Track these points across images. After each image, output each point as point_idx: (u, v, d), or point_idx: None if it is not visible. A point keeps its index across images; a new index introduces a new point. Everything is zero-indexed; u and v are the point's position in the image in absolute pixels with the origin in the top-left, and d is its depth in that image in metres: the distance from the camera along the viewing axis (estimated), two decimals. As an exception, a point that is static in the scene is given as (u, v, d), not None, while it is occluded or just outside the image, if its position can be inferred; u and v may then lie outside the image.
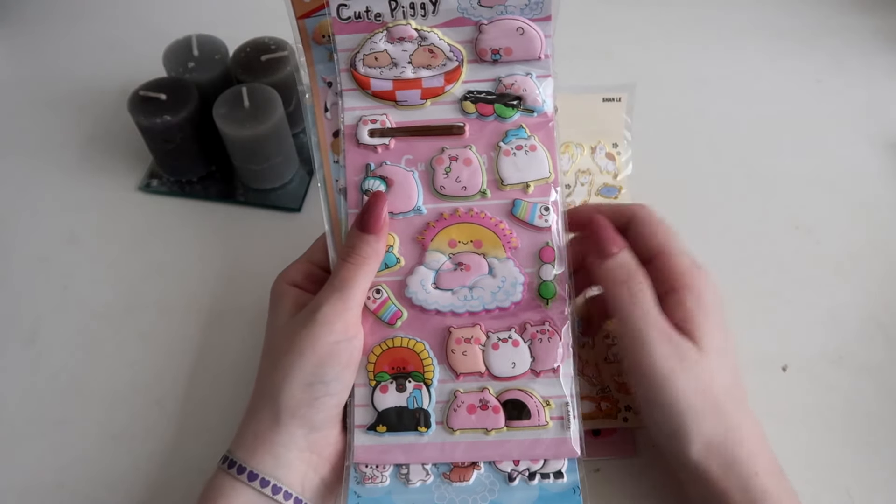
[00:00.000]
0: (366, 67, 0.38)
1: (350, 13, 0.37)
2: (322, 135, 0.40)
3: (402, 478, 0.37)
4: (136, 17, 0.67)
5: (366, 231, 0.37)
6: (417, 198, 0.39)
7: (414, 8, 0.38)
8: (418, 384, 0.38)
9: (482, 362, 0.38)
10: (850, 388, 0.45)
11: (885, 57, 0.64)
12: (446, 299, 0.38)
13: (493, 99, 0.39)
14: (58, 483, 0.41)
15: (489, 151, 0.39)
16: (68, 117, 0.59)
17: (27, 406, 0.44)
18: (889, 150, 0.57)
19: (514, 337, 0.38)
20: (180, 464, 0.42)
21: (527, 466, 0.37)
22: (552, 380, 0.37)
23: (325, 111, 0.40)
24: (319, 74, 0.40)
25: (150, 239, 0.52)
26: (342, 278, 0.36)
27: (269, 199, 0.54)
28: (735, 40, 0.66)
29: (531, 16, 0.38)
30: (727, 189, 0.55)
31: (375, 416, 0.37)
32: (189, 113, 0.50)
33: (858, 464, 0.42)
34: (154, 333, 0.47)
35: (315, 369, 0.34)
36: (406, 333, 0.38)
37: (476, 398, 0.37)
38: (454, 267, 0.38)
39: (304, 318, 0.35)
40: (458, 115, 0.39)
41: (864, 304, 0.49)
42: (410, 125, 0.39)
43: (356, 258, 0.36)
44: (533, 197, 0.39)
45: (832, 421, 0.44)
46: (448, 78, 0.39)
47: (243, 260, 0.51)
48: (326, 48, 0.39)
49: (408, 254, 0.39)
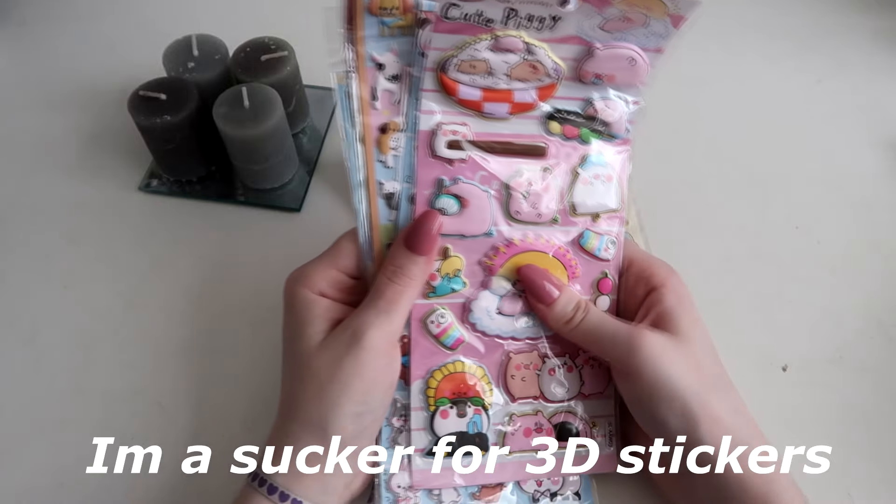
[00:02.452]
0: (457, 73, 0.34)
1: (459, 13, 0.32)
2: (368, 128, 0.34)
3: (434, 499, 0.37)
4: (136, 17, 0.67)
5: (416, 251, 0.34)
6: (490, 221, 0.36)
7: (531, 20, 0.33)
8: (478, 409, 0.38)
9: (538, 387, 0.38)
10: (850, 388, 0.45)
11: (885, 57, 0.64)
12: (508, 325, 0.38)
13: (582, 122, 0.37)
14: (58, 483, 0.41)
15: (566, 176, 0.37)
16: (68, 117, 0.59)
17: (27, 406, 0.44)
18: (889, 150, 0.57)
19: (569, 363, 0.39)
20: (180, 464, 0.42)
21: (547, 487, 0.38)
22: (598, 401, 0.39)
23: (372, 99, 0.34)
24: (368, 52, 0.33)
25: (150, 239, 0.52)
26: (388, 300, 0.34)
27: (269, 199, 0.54)
28: (735, 40, 0.66)
29: (647, 45, 0.36)
30: (727, 189, 0.55)
31: (435, 441, 0.37)
32: (189, 113, 0.50)
33: (858, 464, 0.42)
34: (154, 333, 0.47)
35: (363, 398, 0.33)
36: (468, 358, 0.38)
37: (532, 421, 0.38)
38: (519, 293, 0.38)
39: (349, 343, 0.33)
40: (541, 133, 0.37)
41: (864, 304, 0.49)
42: (491, 140, 0.36)
43: (403, 279, 0.34)
44: (600, 227, 0.38)
45: (832, 421, 0.44)
46: (541, 94, 0.36)
47: (243, 260, 0.51)
48: (380, 20, 0.33)
49: (473, 277, 0.37)
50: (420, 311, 0.37)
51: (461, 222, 0.36)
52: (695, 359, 0.35)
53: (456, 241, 0.37)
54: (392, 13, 0.32)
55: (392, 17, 0.33)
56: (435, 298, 0.37)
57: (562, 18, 0.34)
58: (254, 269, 0.49)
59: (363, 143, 0.35)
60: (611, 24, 0.34)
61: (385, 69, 0.34)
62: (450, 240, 0.37)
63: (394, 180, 0.35)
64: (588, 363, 0.39)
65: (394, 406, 0.38)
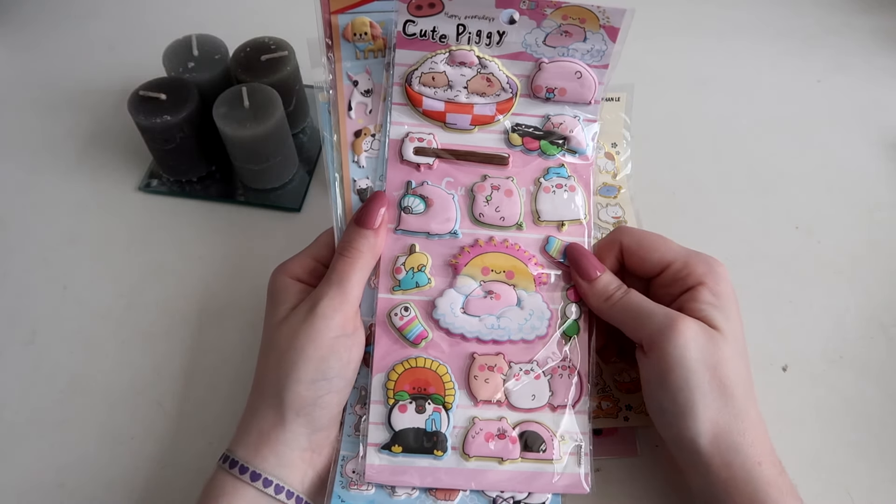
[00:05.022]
0: (421, 86, 0.39)
1: (416, 30, 0.38)
2: (344, 133, 0.39)
3: (388, 489, 0.37)
4: (136, 17, 0.67)
5: (363, 226, 0.37)
6: (455, 221, 0.39)
7: (480, 36, 0.38)
8: (438, 407, 0.37)
9: (503, 392, 0.38)
10: (850, 388, 0.45)
11: (885, 57, 0.64)
12: (473, 325, 0.38)
13: (541, 135, 0.40)
14: (58, 483, 0.41)
15: (529, 185, 0.40)
16: (68, 117, 0.59)
17: (27, 406, 0.44)
18: (889, 150, 0.57)
19: (536, 370, 0.38)
20: (180, 464, 0.42)
21: (511, 495, 0.37)
22: (568, 416, 0.38)
23: (348, 109, 0.39)
24: (345, 72, 0.39)
25: (150, 239, 0.52)
26: (340, 272, 0.36)
27: (269, 199, 0.54)
28: (735, 40, 0.66)
29: (591, 62, 0.39)
30: (727, 189, 0.55)
31: (391, 436, 0.37)
32: (189, 113, 0.50)
33: (858, 464, 0.42)
34: (154, 333, 0.47)
35: (318, 365, 0.35)
36: (430, 355, 0.38)
37: (494, 426, 0.37)
38: (484, 294, 0.38)
39: (304, 314, 0.35)
40: (503, 146, 0.40)
41: (864, 304, 0.49)
42: (456, 148, 0.39)
43: (352, 252, 0.37)
44: (566, 236, 0.39)
45: (832, 421, 0.44)
46: (500, 108, 0.39)
47: (243, 260, 0.51)
48: (355, 46, 0.39)
49: (439, 276, 0.39)
50: (385, 304, 0.38)
51: (426, 221, 0.39)
52: (719, 355, 0.34)
53: (421, 239, 0.39)
54: (363, 38, 0.39)
55: (364, 42, 0.39)
56: (399, 293, 0.38)
57: (507, 34, 0.38)
58: (254, 269, 0.49)
59: (340, 147, 0.40)
60: (553, 39, 0.38)
61: (359, 85, 0.39)
62: (415, 237, 0.39)
63: (366, 178, 0.40)
64: (557, 373, 0.38)
65: (358, 394, 0.38)
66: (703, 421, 0.34)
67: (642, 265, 0.38)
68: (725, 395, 0.34)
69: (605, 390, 0.43)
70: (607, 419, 0.42)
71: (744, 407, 0.34)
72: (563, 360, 0.38)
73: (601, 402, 0.43)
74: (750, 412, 0.35)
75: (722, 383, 0.34)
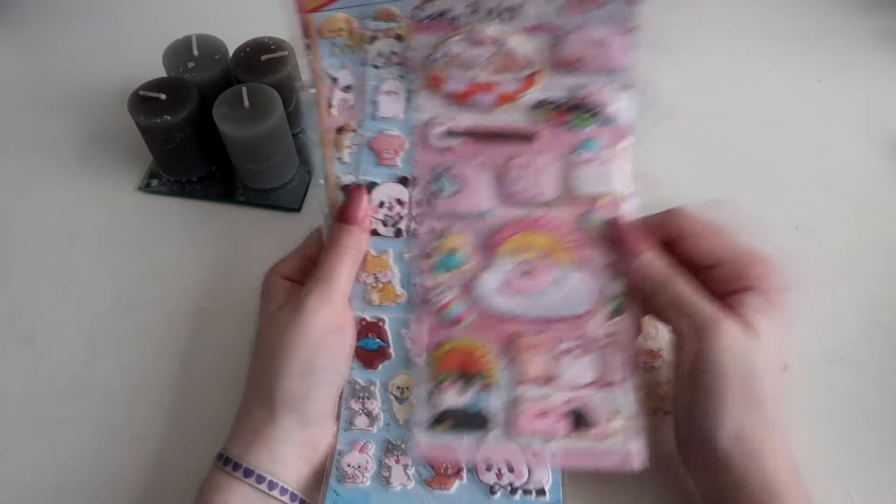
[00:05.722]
0: (440, 69, 0.38)
1: (426, 14, 0.37)
2: (326, 130, 0.40)
3: (384, 480, 0.37)
4: (136, 17, 0.67)
5: (345, 222, 0.38)
6: (488, 201, 0.38)
7: (493, 13, 0.37)
8: (482, 386, 0.37)
9: (547, 369, 0.37)
10: (850, 388, 0.45)
11: (885, 57, 0.64)
12: (514, 305, 0.38)
13: (569, 108, 0.38)
14: (58, 483, 0.41)
15: (561, 161, 0.38)
16: (68, 117, 0.59)
17: (27, 406, 0.44)
18: (889, 150, 0.57)
19: (580, 347, 0.37)
20: (180, 464, 0.42)
21: (510, 481, 0.37)
22: (616, 392, 0.37)
23: (329, 107, 0.39)
24: (325, 70, 0.39)
25: (150, 239, 0.52)
26: (326, 269, 0.37)
27: (269, 199, 0.54)
28: (735, 40, 0.66)
29: (614, 27, 0.37)
30: (727, 188, 0.55)
31: (437, 415, 0.37)
32: (189, 113, 0.50)
33: (858, 464, 0.42)
34: (154, 333, 0.47)
35: (306, 360, 0.35)
36: (471, 335, 0.38)
37: (540, 405, 0.37)
38: (522, 273, 0.38)
39: (292, 310, 0.36)
40: (530, 122, 0.38)
41: (864, 304, 0.48)
42: (482, 129, 0.39)
43: (338, 248, 0.37)
44: (604, 211, 0.38)
45: (832, 421, 0.44)
46: (523, 84, 0.38)
47: (243, 260, 0.51)
48: (333, 43, 0.39)
49: (477, 256, 0.38)
50: (424, 287, 0.38)
51: (459, 203, 0.38)
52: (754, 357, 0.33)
53: (456, 221, 0.39)
54: (339, 34, 0.38)
55: (340, 37, 0.38)
56: (436, 274, 0.38)
57: (523, 6, 0.37)
58: (254, 269, 0.49)
59: (323, 144, 0.39)
60: (569, 9, 0.37)
61: (339, 81, 0.39)
62: (448, 220, 0.39)
63: (350, 174, 0.39)
64: (603, 350, 0.37)
65: (352, 388, 0.38)
66: (727, 423, 0.33)
67: (691, 256, 0.37)
68: (755, 403, 0.33)
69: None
70: None
71: (772, 417, 0.34)
72: (606, 336, 0.37)
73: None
74: (777, 418, 0.34)
75: (754, 392, 0.33)
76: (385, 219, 0.39)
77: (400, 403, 0.38)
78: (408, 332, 0.38)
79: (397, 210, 0.39)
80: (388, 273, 0.39)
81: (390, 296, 0.39)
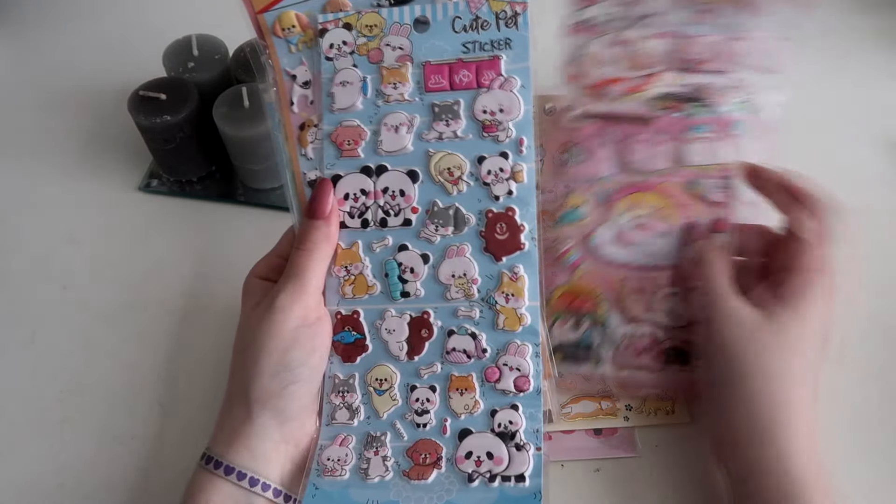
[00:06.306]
0: (579, 66, 0.43)
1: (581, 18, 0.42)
2: (290, 129, 0.39)
3: (362, 473, 0.37)
4: (136, 17, 0.67)
5: (313, 217, 0.38)
6: (609, 167, 0.43)
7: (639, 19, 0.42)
8: (593, 324, 0.42)
9: (651, 310, 0.41)
10: (851, 389, 0.45)
11: (885, 57, 0.64)
12: (625, 253, 0.42)
13: (684, 99, 0.42)
14: (58, 483, 0.41)
15: (674, 141, 0.42)
16: (68, 117, 0.59)
17: (27, 406, 0.44)
18: (889, 150, 0.57)
19: (684, 292, 0.41)
20: (180, 464, 0.42)
21: (488, 469, 0.36)
22: None
23: (290, 104, 0.39)
24: (283, 68, 0.40)
25: (150, 239, 0.52)
26: (296, 266, 0.37)
27: (269, 199, 0.54)
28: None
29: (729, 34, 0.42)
30: (727, 189, 0.55)
31: (553, 347, 0.40)
32: (189, 113, 0.50)
33: (859, 465, 0.42)
34: (154, 333, 0.47)
35: (279, 357, 0.35)
36: (585, 279, 0.42)
37: (643, 341, 0.41)
38: (635, 226, 0.42)
39: (264, 309, 0.36)
40: (651, 110, 0.43)
41: (864, 305, 0.48)
42: (610, 113, 0.43)
43: (307, 244, 0.37)
44: (709, 176, 0.42)
45: (833, 422, 0.43)
46: (650, 79, 0.42)
47: (243, 260, 0.50)
48: (287, 41, 0.39)
49: (595, 211, 0.43)
50: (548, 238, 0.42)
51: (584, 169, 0.43)
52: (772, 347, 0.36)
53: (580, 183, 0.43)
54: (293, 32, 0.39)
55: (294, 35, 0.39)
56: (561, 225, 0.43)
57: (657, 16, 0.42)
58: (254, 269, 0.49)
59: (287, 143, 0.40)
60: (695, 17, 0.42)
61: (297, 78, 0.39)
62: (573, 183, 0.43)
63: (314, 169, 0.39)
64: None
65: (332, 383, 0.38)
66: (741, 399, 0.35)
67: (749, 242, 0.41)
68: (764, 381, 0.35)
69: (605, 390, 0.43)
70: (607, 419, 0.42)
71: (785, 398, 0.35)
72: None
73: (601, 402, 0.43)
74: (791, 403, 0.36)
75: (765, 372, 0.35)
76: (351, 210, 0.39)
77: (379, 395, 0.38)
78: (383, 323, 0.38)
79: (363, 201, 0.39)
80: (359, 265, 0.39)
81: (363, 288, 0.39)
